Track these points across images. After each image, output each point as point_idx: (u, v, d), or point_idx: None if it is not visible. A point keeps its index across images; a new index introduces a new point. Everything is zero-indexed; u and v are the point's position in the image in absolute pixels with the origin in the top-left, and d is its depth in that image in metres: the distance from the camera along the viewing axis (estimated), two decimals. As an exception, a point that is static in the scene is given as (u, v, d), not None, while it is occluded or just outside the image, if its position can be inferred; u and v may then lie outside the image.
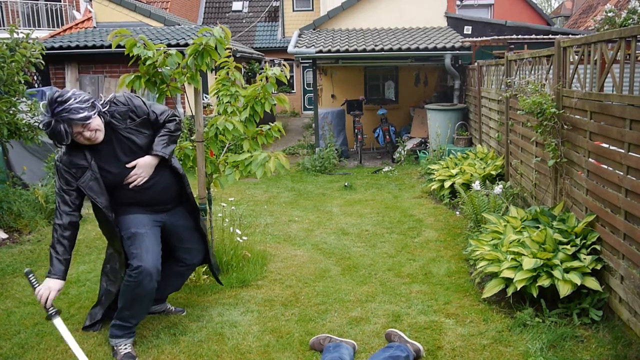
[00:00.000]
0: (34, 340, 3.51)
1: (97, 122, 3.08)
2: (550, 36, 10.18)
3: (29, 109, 5.95)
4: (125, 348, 3.30)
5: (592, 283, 3.48)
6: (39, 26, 16.83)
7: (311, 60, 10.96)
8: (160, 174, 3.35)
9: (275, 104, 4.44)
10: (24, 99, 5.97)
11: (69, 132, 2.99)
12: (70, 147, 3.14)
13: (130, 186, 3.24)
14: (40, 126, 3.09)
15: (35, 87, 10.61)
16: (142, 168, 3.23)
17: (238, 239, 4.76)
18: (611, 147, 3.47)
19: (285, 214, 6.82)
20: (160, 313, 3.85)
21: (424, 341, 3.37)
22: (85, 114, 2.98)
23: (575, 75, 4.25)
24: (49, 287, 3.04)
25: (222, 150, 4.52)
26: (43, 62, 6.04)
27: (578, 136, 4.02)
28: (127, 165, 3.22)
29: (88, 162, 3.14)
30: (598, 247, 3.64)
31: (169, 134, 3.32)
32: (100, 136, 3.11)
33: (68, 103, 2.96)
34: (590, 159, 3.81)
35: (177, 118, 3.39)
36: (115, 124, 3.19)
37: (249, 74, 15.37)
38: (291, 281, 4.47)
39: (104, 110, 3.16)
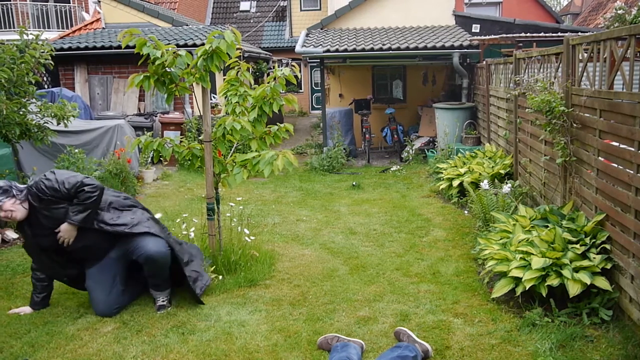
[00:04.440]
0: (44, 339, 3.54)
1: (8, 205, 3.61)
2: (559, 34, 10.09)
3: (38, 110, 5.99)
4: None
5: (602, 282, 3.45)
6: (49, 27, 16.98)
7: (319, 60, 10.95)
8: (86, 235, 3.78)
9: (283, 104, 4.44)
10: (34, 100, 6.02)
11: None
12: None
13: (64, 244, 3.75)
14: None
15: (45, 88, 10.69)
16: (63, 232, 3.72)
17: (246, 238, 4.77)
18: (621, 146, 3.45)
19: (293, 213, 6.83)
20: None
21: (432, 341, 3.36)
22: None
23: (585, 73, 4.22)
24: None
25: (230, 150, 4.53)
26: (52, 62, 6.08)
27: (587, 134, 3.99)
28: (55, 230, 3.72)
29: (24, 230, 3.79)
30: (608, 246, 3.61)
31: (78, 203, 3.71)
32: (17, 215, 3.67)
33: None
34: (599, 158, 3.78)
35: (85, 188, 3.70)
36: (34, 204, 3.70)
37: (257, 73, 15.40)
38: (299, 280, 4.47)
39: (21, 197, 3.66)
